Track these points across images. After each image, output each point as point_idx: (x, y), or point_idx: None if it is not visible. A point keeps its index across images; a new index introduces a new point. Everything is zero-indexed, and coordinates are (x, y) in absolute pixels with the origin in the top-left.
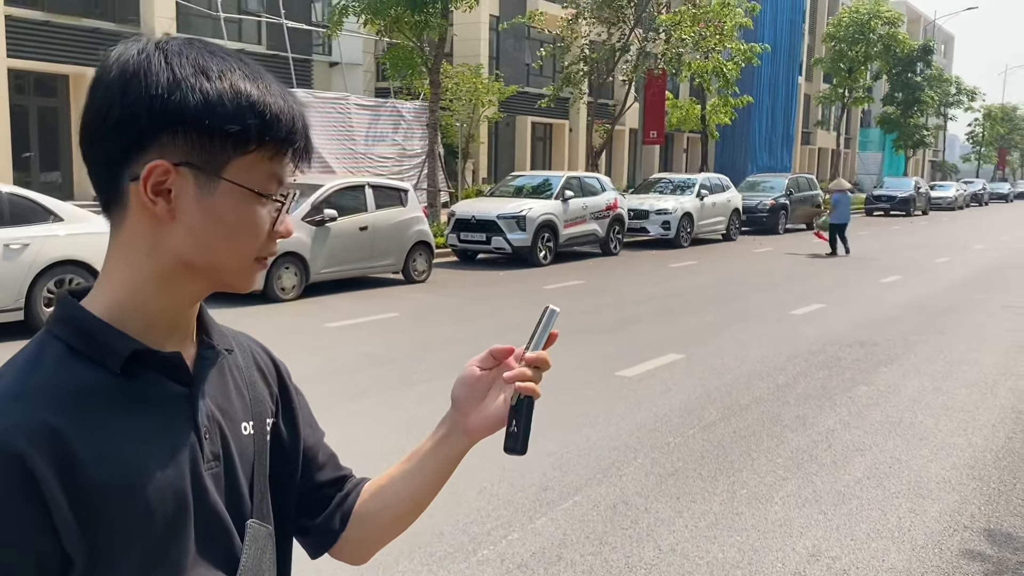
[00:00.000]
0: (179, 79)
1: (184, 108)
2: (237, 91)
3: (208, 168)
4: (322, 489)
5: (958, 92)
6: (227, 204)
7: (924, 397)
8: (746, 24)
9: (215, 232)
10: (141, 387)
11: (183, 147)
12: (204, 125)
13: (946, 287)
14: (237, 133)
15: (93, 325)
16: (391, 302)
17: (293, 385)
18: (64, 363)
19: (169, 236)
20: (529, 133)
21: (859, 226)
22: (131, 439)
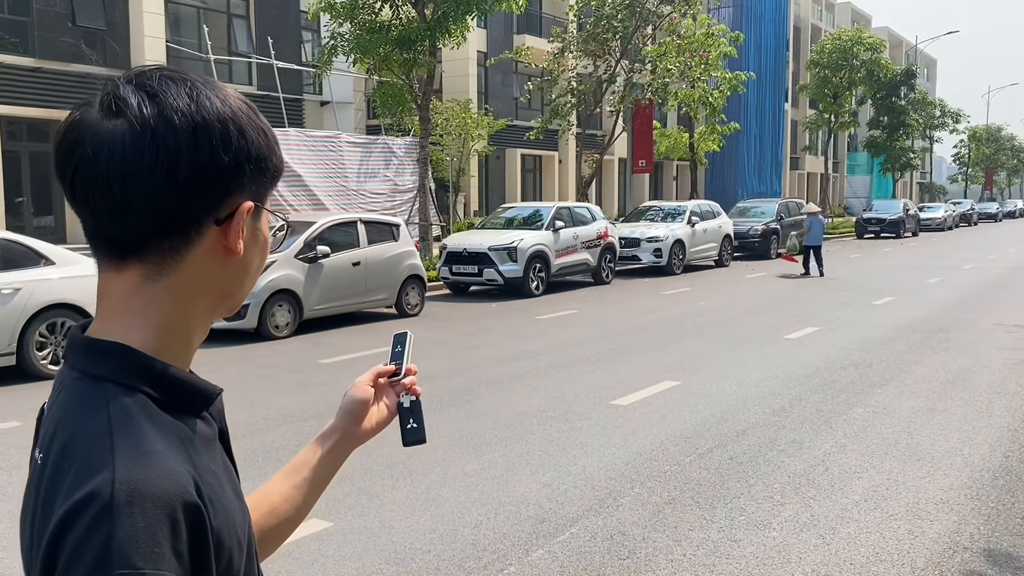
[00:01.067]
0: (244, 123)
1: (256, 149)
2: (268, 126)
3: (260, 201)
4: None
5: (943, 115)
6: (263, 231)
7: (920, 417)
8: (731, 53)
9: (259, 259)
10: (205, 428)
11: (251, 186)
12: (267, 163)
13: (938, 307)
14: (277, 168)
15: (172, 373)
16: (384, 337)
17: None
18: (158, 414)
19: (229, 272)
20: (519, 165)
21: (850, 249)
22: (217, 481)
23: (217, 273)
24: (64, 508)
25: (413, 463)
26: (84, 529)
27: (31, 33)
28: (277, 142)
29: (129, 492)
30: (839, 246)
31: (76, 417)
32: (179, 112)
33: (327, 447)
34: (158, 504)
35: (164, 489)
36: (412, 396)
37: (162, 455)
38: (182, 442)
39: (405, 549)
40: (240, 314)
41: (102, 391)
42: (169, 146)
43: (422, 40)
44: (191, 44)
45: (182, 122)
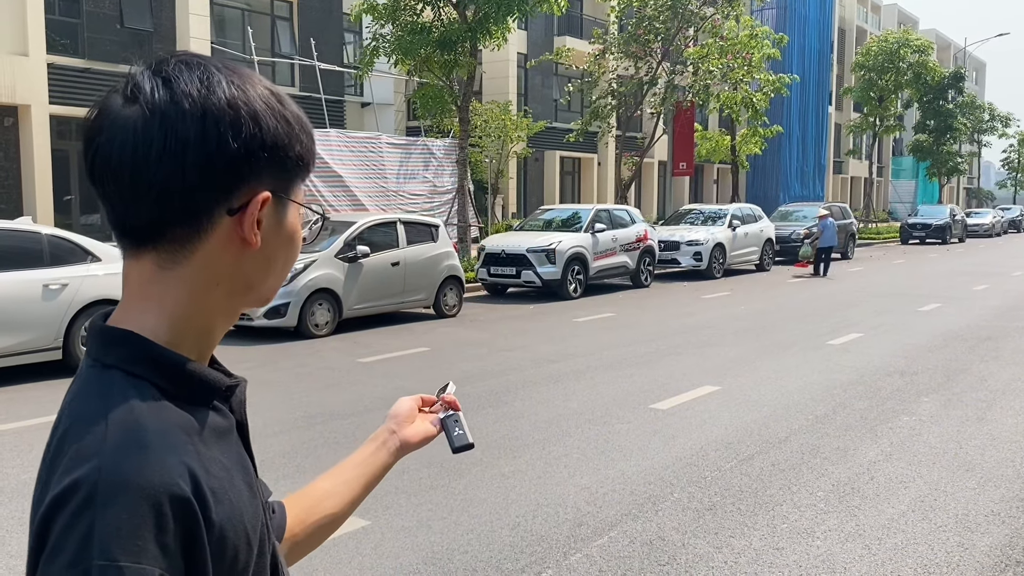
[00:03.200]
0: (259, 111)
1: (273, 137)
2: (293, 117)
3: (284, 193)
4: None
5: (992, 118)
6: (291, 224)
7: (968, 427)
8: (774, 55)
9: (284, 253)
10: (219, 420)
11: (269, 176)
12: (286, 153)
13: (986, 314)
14: (303, 156)
15: (180, 362)
16: (422, 337)
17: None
18: (164, 403)
19: (247, 263)
20: (558, 167)
21: (894, 255)
22: (227, 475)
23: (233, 264)
24: (53, 494)
25: (450, 463)
26: (68, 517)
27: (81, 34)
28: (308, 133)
29: (114, 483)
30: (882, 252)
31: (80, 404)
32: (189, 97)
33: (372, 448)
34: (143, 496)
35: (151, 481)
36: (450, 411)
37: (155, 446)
38: (186, 433)
39: (443, 549)
40: (280, 312)
41: (109, 379)
42: (178, 132)
43: (463, 41)
44: (235, 46)
45: (191, 107)
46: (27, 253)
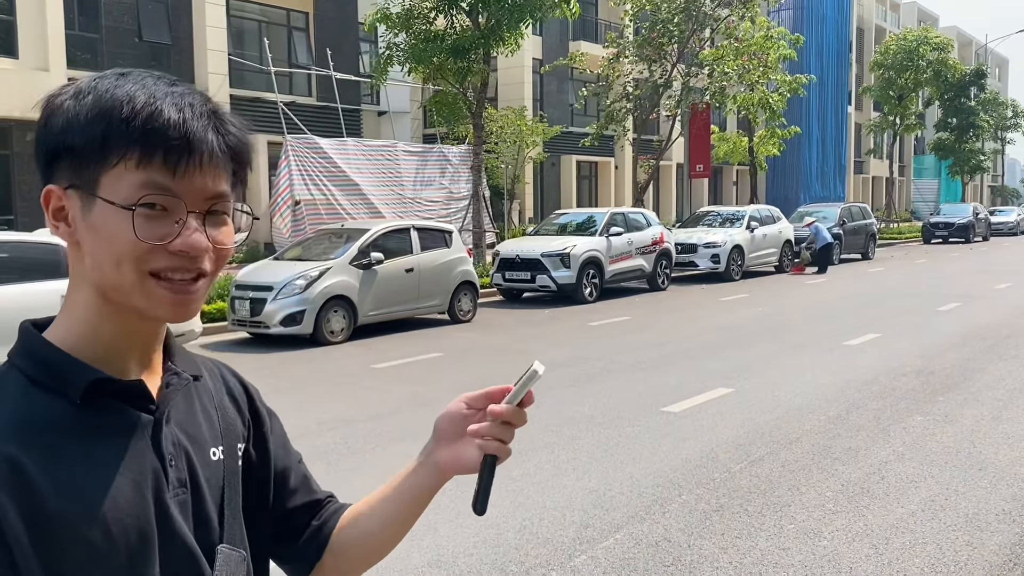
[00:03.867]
0: (57, 105)
1: (54, 131)
2: (96, 102)
3: (86, 188)
4: (294, 516)
5: (1015, 115)
6: (103, 218)
7: (983, 426)
8: (790, 56)
9: (96, 248)
10: (103, 416)
11: (66, 171)
12: (67, 145)
13: (1007, 313)
14: (92, 147)
15: (52, 355)
16: (437, 342)
17: (265, 408)
18: (24, 394)
19: (82, 261)
20: (574, 172)
21: (916, 254)
22: (91, 469)
23: (77, 263)
24: None
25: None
26: None
27: (100, 49)
28: (111, 118)
29: None
30: (904, 251)
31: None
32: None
33: (412, 466)
34: None
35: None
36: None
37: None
38: (30, 423)
39: (448, 552)
40: (296, 320)
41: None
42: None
43: (476, 48)
44: (253, 57)
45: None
46: (46, 264)
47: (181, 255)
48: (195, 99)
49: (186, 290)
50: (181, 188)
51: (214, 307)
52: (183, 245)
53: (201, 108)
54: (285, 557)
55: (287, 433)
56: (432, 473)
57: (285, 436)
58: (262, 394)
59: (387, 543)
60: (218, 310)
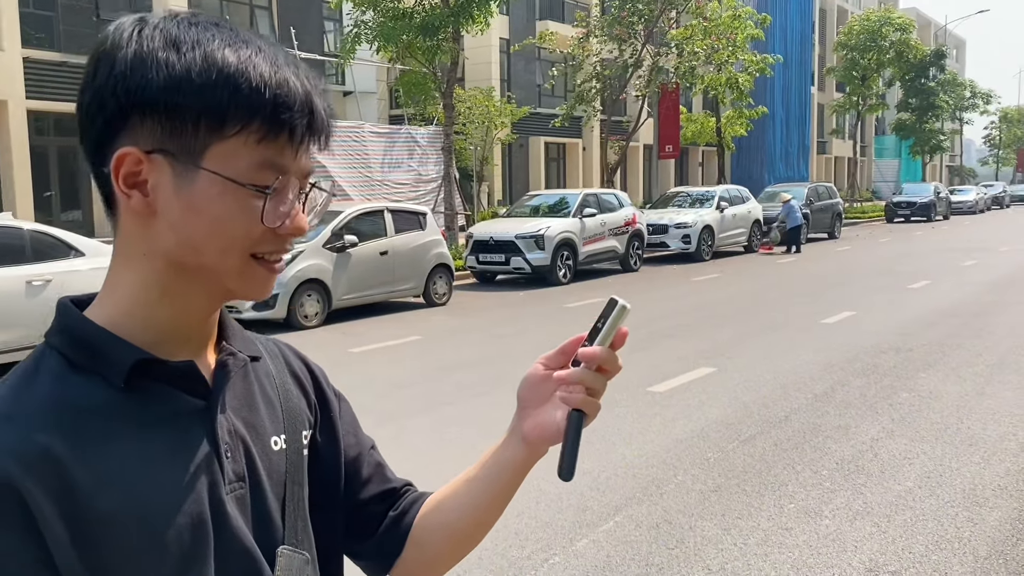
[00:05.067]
0: (144, 54)
1: (147, 87)
2: (211, 62)
3: (184, 155)
4: (369, 507)
5: (973, 96)
6: (209, 195)
7: (968, 402)
8: (758, 35)
9: (197, 227)
10: (150, 402)
11: (153, 132)
12: (171, 105)
13: (976, 290)
14: (210, 113)
15: (93, 334)
16: (413, 326)
17: (333, 391)
18: (62, 377)
19: (157, 234)
20: (543, 153)
21: (880, 233)
22: (138, 461)
23: (141, 234)
24: None
25: (446, 450)
26: None
27: (56, 28)
28: (238, 85)
29: None
30: (868, 231)
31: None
32: (103, 41)
33: (497, 444)
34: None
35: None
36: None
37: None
38: (67, 410)
39: None
40: (269, 304)
41: (35, 349)
42: (85, 75)
43: (445, 27)
44: None
45: (96, 52)
46: (9, 250)
47: (286, 237)
48: (302, 66)
49: (277, 269)
50: (294, 166)
51: None
52: (294, 228)
53: (314, 79)
54: (361, 554)
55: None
56: (518, 447)
57: (355, 421)
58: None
59: (477, 530)
60: None
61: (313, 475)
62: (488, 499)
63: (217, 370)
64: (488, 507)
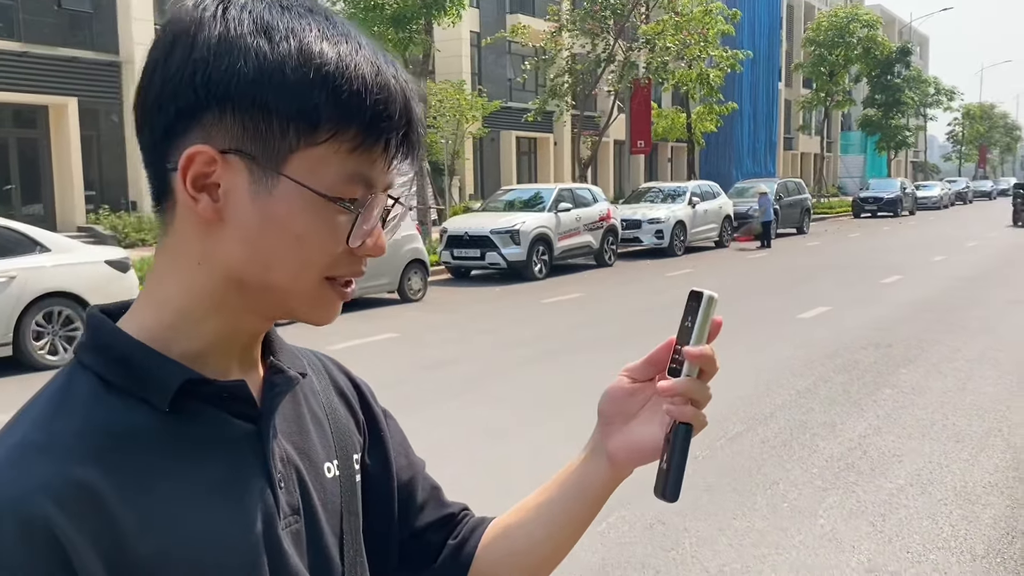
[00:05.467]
0: (232, 38)
1: (232, 79)
2: (307, 56)
3: (265, 159)
4: (426, 535)
5: (937, 92)
6: (291, 207)
7: (951, 398)
8: (728, 31)
9: (274, 242)
10: (196, 427)
11: (233, 130)
12: (258, 102)
13: (948, 285)
14: (301, 115)
15: (133, 351)
16: (389, 322)
17: (380, 409)
18: (97, 401)
19: (219, 243)
20: (514, 148)
21: (849, 228)
22: (186, 497)
23: (200, 241)
24: None
25: (433, 452)
26: None
27: (16, 16)
28: (338, 87)
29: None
30: (836, 226)
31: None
32: (181, 17)
33: (575, 465)
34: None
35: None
36: (670, 412)
37: (26, 452)
38: (103, 439)
39: None
40: None
41: (65, 367)
42: (155, 57)
43: (417, 18)
44: None
45: (171, 28)
46: None
47: (363, 259)
48: (400, 67)
49: (349, 294)
50: (382, 181)
51: None
52: (375, 248)
53: (413, 84)
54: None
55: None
56: (602, 468)
57: (406, 440)
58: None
59: (551, 559)
60: None
61: (364, 502)
62: (567, 525)
63: (266, 389)
64: (566, 534)
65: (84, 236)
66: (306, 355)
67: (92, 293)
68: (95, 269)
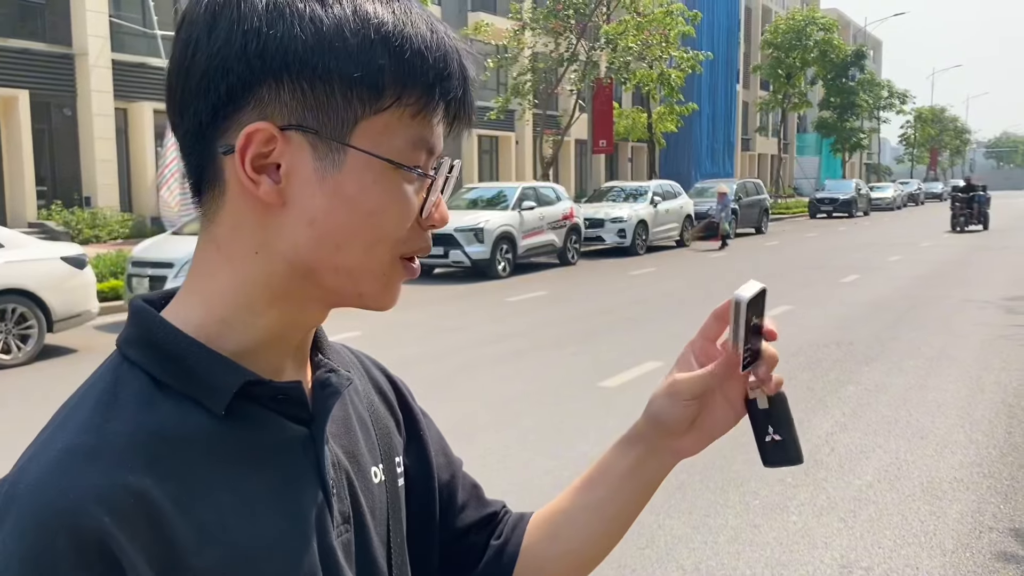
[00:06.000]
0: (282, 4)
1: (289, 46)
2: (364, 18)
3: (329, 132)
4: (468, 536)
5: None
6: (361, 182)
7: (913, 395)
8: (689, 32)
9: (345, 221)
10: (251, 431)
11: (292, 103)
12: (319, 70)
13: (905, 284)
14: (365, 80)
15: (186, 348)
16: (352, 320)
17: (419, 408)
18: (149, 402)
19: (281, 228)
20: (476, 146)
21: (805, 228)
22: (242, 504)
23: (259, 227)
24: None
25: None
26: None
27: None
28: (401, 49)
29: (9, 497)
30: (793, 226)
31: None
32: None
33: (633, 455)
34: (26, 519)
35: (40, 502)
36: (769, 391)
37: (76, 458)
38: (157, 444)
39: None
40: None
41: (106, 364)
42: (194, 31)
43: None
44: (135, 19)
45: (211, 2)
46: None
47: (427, 231)
48: (450, 29)
49: (416, 270)
50: (438, 146)
51: (108, 285)
52: (440, 218)
53: (465, 44)
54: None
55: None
56: (665, 453)
57: (443, 440)
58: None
59: (605, 550)
60: (112, 289)
61: (407, 506)
62: (623, 517)
63: (316, 390)
64: (620, 527)
65: (36, 232)
66: (343, 351)
67: (47, 290)
68: (51, 266)
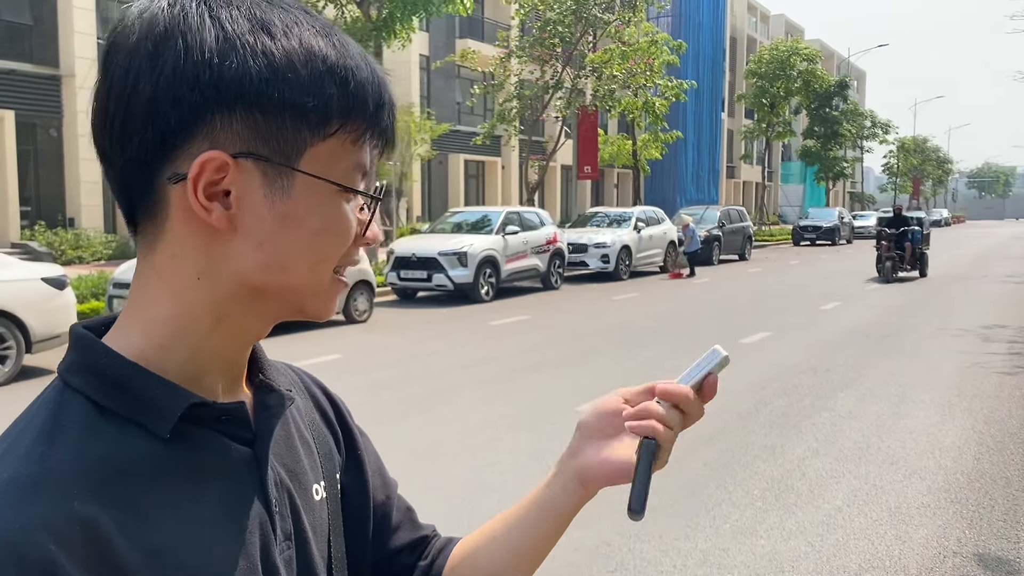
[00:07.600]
0: (232, 37)
1: (244, 77)
2: (310, 51)
3: (279, 159)
4: (399, 557)
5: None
6: (309, 205)
7: (886, 421)
8: (673, 61)
9: (292, 243)
10: (195, 453)
11: (244, 132)
12: (274, 100)
13: (883, 312)
14: (317, 109)
15: (129, 373)
16: (334, 344)
17: (357, 427)
18: (93, 428)
19: (227, 253)
20: (462, 171)
21: (789, 255)
22: (188, 526)
23: (205, 252)
24: None
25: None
26: None
27: None
28: (345, 80)
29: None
30: (777, 253)
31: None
32: (156, 19)
33: (544, 483)
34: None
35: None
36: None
37: (20, 488)
38: (102, 470)
39: None
40: None
41: (48, 390)
42: (134, 62)
43: (367, 41)
44: None
45: (150, 31)
46: None
47: (358, 249)
48: (384, 73)
49: (347, 283)
50: (372, 170)
51: (89, 307)
52: (372, 236)
53: (391, 88)
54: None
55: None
56: (572, 489)
57: (380, 460)
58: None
59: (519, 574)
60: (93, 310)
61: (343, 523)
62: (533, 544)
63: (259, 410)
64: (532, 554)
65: (19, 252)
66: (284, 370)
67: (27, 311)
68: (31, 287)
